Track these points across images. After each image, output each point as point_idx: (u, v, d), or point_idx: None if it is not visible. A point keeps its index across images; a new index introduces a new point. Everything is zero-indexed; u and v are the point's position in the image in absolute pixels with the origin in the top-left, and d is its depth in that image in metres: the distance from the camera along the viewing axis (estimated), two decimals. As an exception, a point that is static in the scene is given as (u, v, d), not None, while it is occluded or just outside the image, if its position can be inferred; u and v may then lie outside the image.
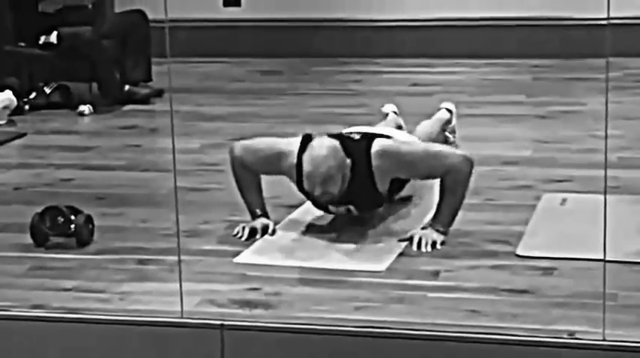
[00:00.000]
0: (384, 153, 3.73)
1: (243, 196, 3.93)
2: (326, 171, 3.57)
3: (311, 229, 3.92)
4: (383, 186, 3.77)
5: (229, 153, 3.95)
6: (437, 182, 3.79)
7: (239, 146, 3.94)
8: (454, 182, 3.70)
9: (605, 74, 4.88)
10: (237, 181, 3.94)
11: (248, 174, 3.90)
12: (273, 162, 3.84)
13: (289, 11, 7.67)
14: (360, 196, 3.77)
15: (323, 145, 3.63)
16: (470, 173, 3.74)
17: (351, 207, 3.83)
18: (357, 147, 3.73)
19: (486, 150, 4.92)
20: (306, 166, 3.61)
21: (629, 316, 3.06)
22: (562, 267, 3.46)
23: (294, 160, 3.75)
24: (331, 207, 3.85)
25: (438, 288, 3.32)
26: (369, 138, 3.80)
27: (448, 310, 3.15)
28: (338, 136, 3.76)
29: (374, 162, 3.72)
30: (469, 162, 3.74)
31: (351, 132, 3.90)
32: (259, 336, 3.06)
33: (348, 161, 3.64)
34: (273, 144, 3.92)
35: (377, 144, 3.75)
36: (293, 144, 3.79)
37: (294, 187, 3.86)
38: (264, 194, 3.95)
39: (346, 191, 3.66)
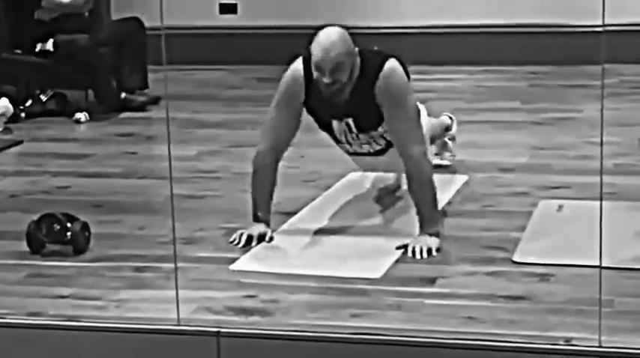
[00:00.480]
0: (392, 73, 3.74)
1: (253, 195, 3.90)
2: (335, 57, 3.62)
3: (307, 236, 3.92)
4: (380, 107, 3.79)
5: (256, 155, 3.91)
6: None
7: (264, 138, 3.92)
8: (418, 183, 3.71)
9: (601, 81, 4.89)
10: (254, 178, 3.89)
11: (267, 173, 3.87)
12: (290, 97, 3.83)
13: (286, 18, 7.68)
14: (362, 109, 3.79)
15: (332, 32, 3.68)
16: (429, 172, 3.74)
17: (351, 123, 3.84)
18: (371, 57, 3.75)
19: (483, 157, 4.93)
20: (316, 54, 3.65)
21: (625, 322, 3.06)
22: (559, 273, 3.46)
23: (302, 75, 3.78)
24: (334, 122, 3.87)
25: (435, 295, 3.32)
26: (386, 55, 3.81)
27: (445, 317, 3.15)
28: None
29: (381, 76, 3.73)
30: (429, 164, 3.78)
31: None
32: (256, 343, 3.05)
33: (357, 49, 3.68)
34: (280, 89, 3.89)
35: (391, 62, 3.77)
36: (295, 67, 3.83)
37: (292, 193, 3.86)
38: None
39: (349, 100, 3.71)
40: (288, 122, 3.87)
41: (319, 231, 3.97)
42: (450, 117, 4.81)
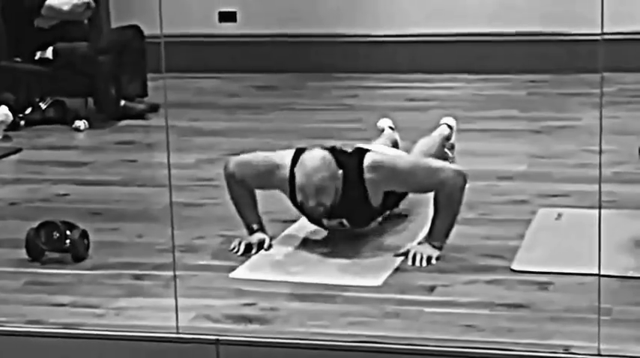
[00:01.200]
0: (376, 166, 3.74)
1: (239, 211, 3.94)
2: (318, 182, 3.58)
3: (307, 244, 3.92)
4: (376, 200, 3.78)
5: (224, 169, 3.96)
6: (431, 196, 3.79)
7: (233, 162, 3.95)
8: (447, 196, 3.71)
9: (600, 89, 4.90)
10: (233, 197, 3.94)
11: (243, 189, 3.91)
12: (267, 177, 3.85)
13: (284, 27, 7.69)
14: (353, 210, 3.77)
15: (315, 157, 3.64)
16: (463, 187, 3.74)
17: (345, 221, 3.83)
18: (349, 160, 3.74)
19: (481, 165, 4.93)
20: (299, 178, 3.62)
21: (624, 330, 3.06)
22: (557, 281, 3.46)
23: (287, 173, 3.76)
24: (325, 221, 3.85)
25: (434, 303, 3.32)
26: (362, 151, 3.81)
27: (444, 325, 3.15)
28: (330, 149, 3.77)
29: (366, 175, 3.72)
30: (462, 177, 3.74)
31: (343, 146, 3.90)
32: (255, 351, 3.05)
33: (340, 172, 3.66)
34: (266, 158, 3.92)
35: (369, 157, 3.76)
36: (286, 157, 3.80)
37: (288, 202, 3.86)
38: (260, 209, 3.95)
39: (339, 204, 3.67)
40: (258, 184, 3.89)
41: (318, 239, 3.97)
42: (449, 126, 4.81)
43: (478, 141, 5.46)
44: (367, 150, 3.84)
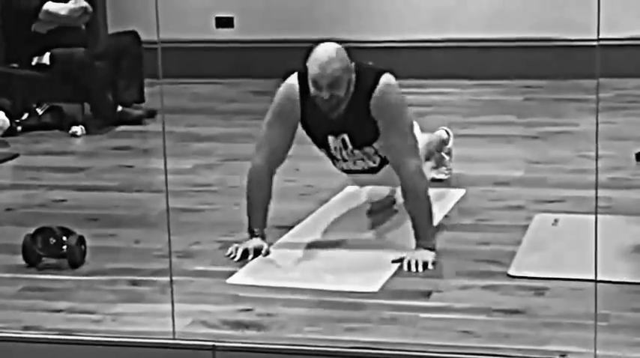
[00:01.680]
0: (387, 87, 3.76)
1: (248, 210, 3.90)
2: (333, 72, 3.63)
3: (304, 250, 3.92)
4: (374, 120, 3.79)
5: (251, 162, 3.91)
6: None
7: (258, 152, 3.92)
8: (412, 190, 3.72)
9: (596, 95, 4.91)
10: (249, 195, 3.89)
11: (261, 191, 3.87)
12: (283, 113, 3.84)
13: (282, 32, 7.70)
14: (357, 124, 3.79)
15: (329, 48, 3.70)
16: (426, 188, 3.74)
17: (347, 138, 3.85)
18: (366, 72, 3.76)
19: (478, 171, 4.94)
20: (313, 70, 3.67)
21: (620, 336, 3.06)
22: (554, 287, 3.46)
23: (297, 91, 3.79)
24: (330, 138, 3.87)
25: (430, 309, 3.33)
26: (381, 70, 3.82)
27: (440, 330, 3.15)
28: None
29: (376, 91, 3.74)
30: (425, 179, 3.78)
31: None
32: (251, 357, 3.05)
33: (353, 64, 3.70)
34: (275, 104, 3.90)
35: (386, 77, 3.78)
36: (289, 82, 3.84)
37: (288, 207, 3.86)
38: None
39: (345, 115, 3.72)
40: (283, 138, 3.88)
41: (316, 245, 3.97)
42: (447, 132, 4.82)
43: (475, 147, 5.47)
44: (387, 72, 3.84)
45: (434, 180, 4.58)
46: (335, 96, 3.68)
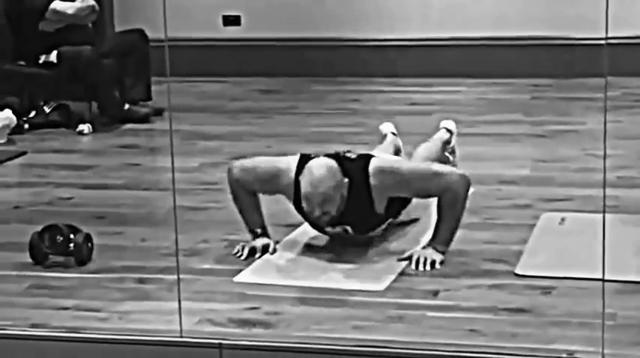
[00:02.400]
0: (381, 171, 3.74)
1: (242, 216, 3.93)
2: (324, 191, 3.58)
3: (310, 249, 3.92)
4: (380, 206, 3.78)
5: (227, 174, 3.96)
6: (434, 201, 3.79)
7: (237, 166, 3.95)
8: (451, 201, 3.71)
9: (603, 93, 4.90)
10: (236, 201, 3.94)
11: (246, 194, 3.91)
12: (271, 182, 3.85)
13: (288, 31, 7.69)
14: (357, 216, 3.77)
15: (321, 166, 3.64)
16: (466, 192, 3.74)
17: (348, 228, 3.83)
18: (354, 166, 3.74)
19: (485, 170, 4.93)
20: (305, 187, 3.62)
21: (627, 336, 3.06)
22: (561, 286, 3.46)
23: (292, 179, 3.76)
24: (328, 229, 3.85)
25: (437, 308, 3.32)
26: (366, 157, 3.81)
27: (447, 329, 3.15)
28: (334, 156, 3.77)
29: (372, 180, 3.72)
30: (465, 181, 3.75)
31: (347, 152, 3.90)
32: (258, 355, 3.05)
33: (346, 180, 3.66)
34: (270, 163, 3.92)
35: (374, 163, 3.76)
36: (290, 163, 3.80)
37: (291, 207, 3.86)
38: (264, 213, 3.94)
39: (344, 211, 3.67)
40: (262, 190, 3.90)
41: (322, 243, 3.97)
42: (449, 130, 4.80)
43: (481, 146, 5.46)
44: (371, 156, 3.84)
45: None
46: (327, 213, 3.65)
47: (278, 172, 3.83)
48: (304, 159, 3.73)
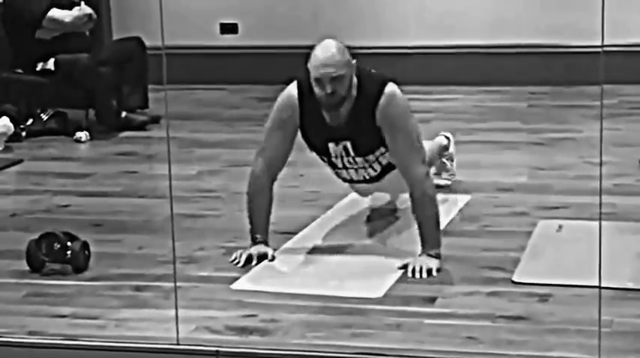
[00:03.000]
0: (395, 96, 3.75)
1: (250, 218, 3.90)
2: (335, 65, 3.65)
3: (308, 256, 3.92)
4: (379, 129, 3.80)
5: (251, 169, 3.92)
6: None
7: (258, 159, 3.92)
8: (420, 200, 3.72)
9: (600, 101, 4.90)
10: (249, 201, 3.90)
11: (262, 197, 3.88)
12: (285, 121, 3.85)
13: (286, 38, 7.70)
14: (360, 131, 3.80)
15: (329, 44, 3.71)
16: (433, 195, 3.74)
17: (349, 146, 3.85)
18: (370, 79, 3.77)
19: (482, 177, 4.94)
20: (315, 65, 3.68)
21: (624, 343, 3.06)
22: (558, 293, 3.46)
23: (296, 103, 3.81)
24: (331, 145, 3.87)
25: (435, 315, 3.32)
26: (386, 77, 3.82)
27: (445, 337, 3.15)
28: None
29: (382, 99, 3.73)
30: (432, 186, 3.79)
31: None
32: (255, 363, 3.05)
33: (354, 61, 3.71)
34: (273, 114, 3.92)
35: (392, 86, 3.78)
36: (290, 90, 3.87)
37: (292, 213, 3.86)
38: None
39: (347, 121, 3.73)
40: (282, 145, 3.89)
41: (320, 251, 3.97)
42: (447, 137, 4.81)
43: (479, 153, 5.47)
44: (390, 80, 3.83)
45: (436, 186, 4.57)
46: (337, 93, 3.68)
47: (283, 109, 3.85)
48: (301, 81, 3.80)
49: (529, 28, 7.38)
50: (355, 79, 3.76)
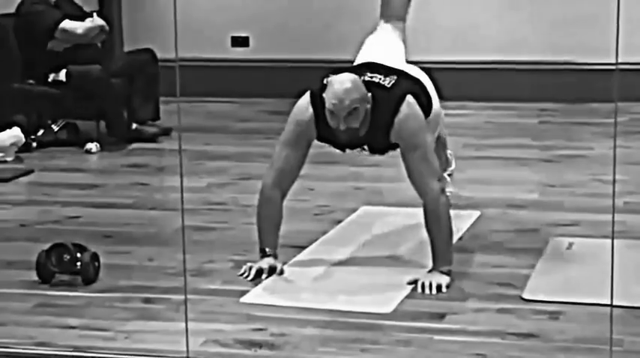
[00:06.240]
0: (409, 116, 3.75)
1: (259, 231, 3.90)
2: (350, 103, 3.64)
3: (317, 270, 3.92)
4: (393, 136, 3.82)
5: (262, 182, 3.92)
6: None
7: (270, 172, 3.92)
8: (434, 214, 3.71)
9: (611, 118, 4.90)
10: (259, 214, 3.89)
11: (272, 209, 3.86)
12: (299, 134, 3.85)
13: (296, 52, 7.71)
14: (376, 142, 3.83)
15: (345, 79, 3.69)
16: (447, 211, 3.73)
17: (365, 147, 3.90)
18: (386, 97, 3.76)
19: (493, 193, 4.93)
20: (329, 101, 3.67)
21: (636, 362, 3.05)
22: (568, 311, 3.45)
23: (311, 111, 3.80)
24: (347, 150, 3.94)
25: (444, 331, 3.31)
26: (402, 92, 3.79)
27: (454, 353, 3.14)
28: (367, 82, 3.78)
29: (398, 116, 3.73)
30: (447, 202, 3.77)
31: (381, 79, 3.86)
32: (264, 377, 3.05)
33: (369, 94, 3.71)
34: (288, 126, 3.90)
35: (407, 103, 3.77)
36: (302, 103, 3.85)
37: (302, 227, 3.85)
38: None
39: (365, 136, 3.75)
40: (295, 159, 3.88)
41: (330, 265, 3.96)
42: (450, 154, 4.79)
43: (490, 169, 5.46)
44: (407, 93, 3.81)
45: None
46: (351, 127, 3.68)
47: (298, 121, 3.84)
48: (315, 94, 3.79)
49: (541, 45, 7.38)
50: (369, 106, 3.73)
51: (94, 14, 6.46)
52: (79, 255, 3.79)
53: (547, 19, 7.39)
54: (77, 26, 6.30)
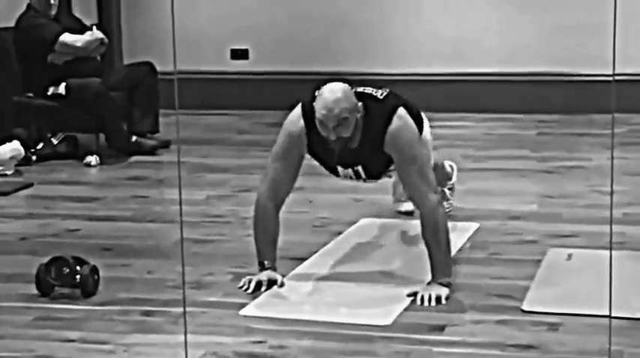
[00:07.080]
0: (402, 127, 3.74)
1: (257, 244, 3.90)
2: (339, 113, 3.63)
3: (317, 283, 3.92)
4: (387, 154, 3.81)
5: (256, 198, 3.92)
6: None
7: (263, 185, 3.92)
8: (432, 226, 3.70)
9: (609, 130, 4.90)
10: (256, 227, 3.90)
11: (269, 222, 3.87)
12: (290, 148, 3.84)
13: (296, 65, 7.73)
14: (370, 158, 3.81)
15: (335, 89, 3.68)
16: (444, 223, 3.73)
17: (360, 169, 3.85)
18: (378, 107, 3.75)
19: (492, 205, 4.93)
20: (319, 110, 3.65)
21: (635, 373, 3.05)
22: (568, 322, 3.45)
23: (302, 123, 3.79)
24: (340, 169, 3.88)
25: (444, 343, 3.31)
26: (395, 102, 3.80)
27: (453, 365, 3.14)
28: (359, 93, 3.78)
29: (392, 126, 3.73)
30: (444, 213, 3.77)
31: (374, 90, 3.86)
32: (264, 389, 3.04)
33: (360, 104, 3.70)
34: (279, 139, 3.90)
35: (401, 111, 3.76)
36: (294, 115, 3.84)
37: (302, 239, 3.85)
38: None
39: (356, 150, 3.72)
40: (288, 172, 3.88)
41: (329, 278, 3.97)
42: (451, 166, 4.80)
43: (488, 181, 5.47)
44: (400, 104, 3.81)
45: (405, 213, 4.59)
46: (341, 137, 3.68)
47: (289, 133, 3.83)
48: (306, 106, 3.78)
49: (540, 56, 7.39)
50: (359, 115, 3.73)
51: (94, 27, 6.47)
52: (78, 268, 3.79)
53: (546, 32, 7.41)
54: (77, 39, 6.32)
